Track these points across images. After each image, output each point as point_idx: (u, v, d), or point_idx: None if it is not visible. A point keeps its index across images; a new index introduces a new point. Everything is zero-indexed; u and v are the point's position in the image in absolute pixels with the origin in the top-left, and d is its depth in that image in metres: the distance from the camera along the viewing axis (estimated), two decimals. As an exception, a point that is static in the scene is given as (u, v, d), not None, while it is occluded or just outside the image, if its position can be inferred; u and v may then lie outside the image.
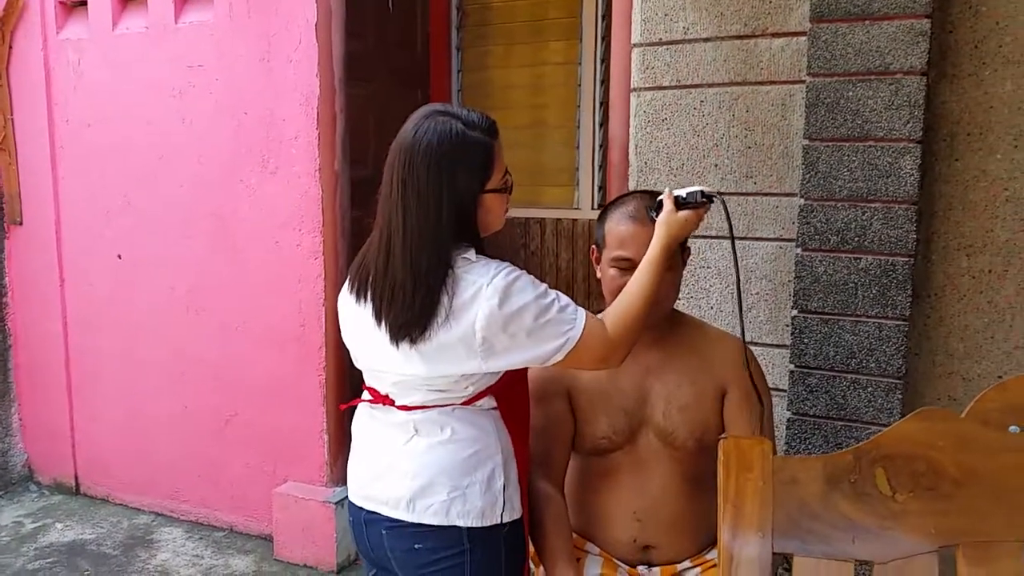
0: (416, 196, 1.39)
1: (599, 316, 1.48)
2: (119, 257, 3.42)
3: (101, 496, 3.65)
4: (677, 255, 1.61)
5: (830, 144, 1.95)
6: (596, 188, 3.90)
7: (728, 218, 1.57)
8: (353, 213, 3.12)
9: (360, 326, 1.50)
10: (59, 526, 3.41)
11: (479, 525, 1.47)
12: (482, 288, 1.38)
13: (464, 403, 1.48)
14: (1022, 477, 0.88)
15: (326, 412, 3.08)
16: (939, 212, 2.02)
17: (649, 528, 1.65)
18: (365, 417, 1.60)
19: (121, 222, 3.40)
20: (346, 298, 1.55)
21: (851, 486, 0.91)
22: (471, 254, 1.44)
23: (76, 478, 3.70)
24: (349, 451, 1.66)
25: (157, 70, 3.24)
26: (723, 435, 1.24)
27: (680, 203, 1.53)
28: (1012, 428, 0.90)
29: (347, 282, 1.55)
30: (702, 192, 1.53)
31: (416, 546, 1.49)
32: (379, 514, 1.51)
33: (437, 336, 1.39)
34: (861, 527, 0.89)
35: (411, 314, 1.39)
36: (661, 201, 1.55)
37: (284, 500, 3.11)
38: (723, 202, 1.57)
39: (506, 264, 1.44)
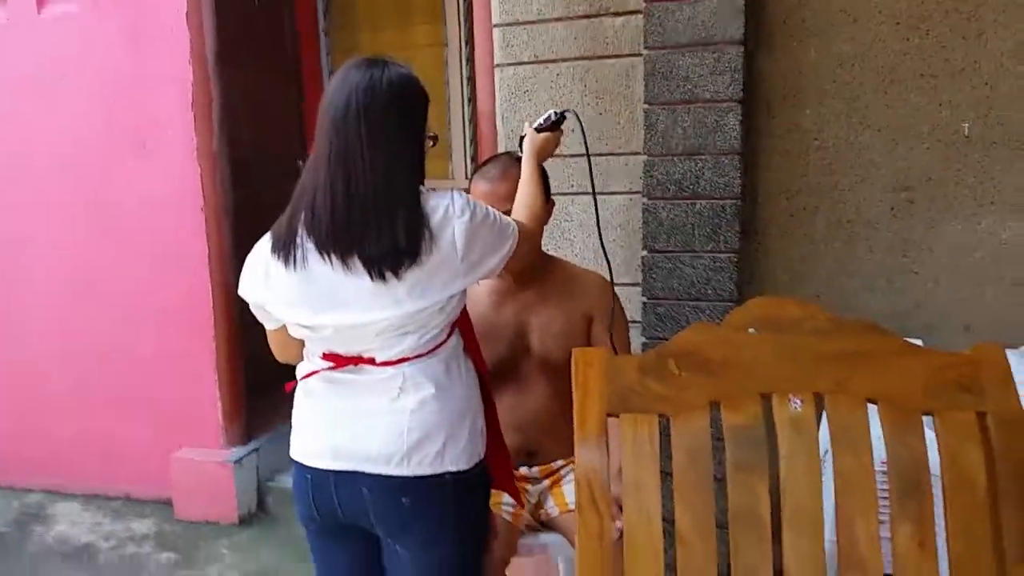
0: (384, 130, 1.41)
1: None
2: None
3: (-13, 481, 3.62)
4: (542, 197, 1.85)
5: (666, 107, 2.22)
6: (469, 159, 4.14)
7: (582, 130, 1.85)
8: (235, 193, 3.24)
9: (315, 290, 1.45)
10: (-58, 512, 3.37)
11: (466, 468, 1.52)
12: (448, 208, 1.44)
13: (441, 344, 1.52)
14: (754, 358, 1.38)
15: (218, 380, 3.20)
16: (761, 161, 2.32)
17: (530, 435, 1.94)
18: (322, 385, 1.55)
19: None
20: (272, 273, 1.47)
21: (655, 371, 1.38)
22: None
23: (-42, 465, 3.65)
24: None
25: (22, 61, 3.25)
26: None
27: (539, 130, 1.81)
28: (751, 330, 1.40)
29: (266, 257, 1.48)
30: (554, 113, 1.82)
31: (404, 499, 1.50)
32: (361, 472, 1.50)
33: (427, 260, 1.41)
34: (662, 395, 1.37)
35: (398, 239, 1.39)
36: (523, 137, 1.82)
37: (182, 464, 3.24)
38: (576, 115, 1.84)
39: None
